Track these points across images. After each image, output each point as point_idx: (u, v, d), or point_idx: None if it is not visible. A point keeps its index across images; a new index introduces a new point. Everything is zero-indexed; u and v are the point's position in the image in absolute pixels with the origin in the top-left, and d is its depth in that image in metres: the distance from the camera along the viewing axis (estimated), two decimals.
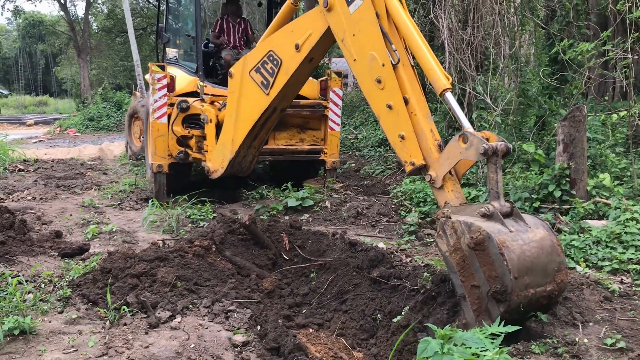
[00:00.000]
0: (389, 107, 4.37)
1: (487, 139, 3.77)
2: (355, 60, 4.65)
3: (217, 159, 7.10)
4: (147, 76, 8.45)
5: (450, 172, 4.06)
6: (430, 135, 4.21)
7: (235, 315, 4.08)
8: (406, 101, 4.33)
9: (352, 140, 14.92)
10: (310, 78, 9.60)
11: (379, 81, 4.45)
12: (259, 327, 3.95)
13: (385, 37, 4.41)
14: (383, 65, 4.41)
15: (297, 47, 5.33)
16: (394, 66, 4.38)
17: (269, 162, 10.95)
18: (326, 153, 9.00)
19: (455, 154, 3.89)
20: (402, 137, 4.28)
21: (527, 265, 3.44)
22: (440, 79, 4.10)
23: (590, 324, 4.11)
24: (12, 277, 4.57)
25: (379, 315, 4.29)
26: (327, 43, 5.22)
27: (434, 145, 4.16)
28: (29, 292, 4.40)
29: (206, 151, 7.62)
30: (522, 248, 3.46)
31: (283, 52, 5.60)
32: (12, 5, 45.00)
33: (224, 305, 4.18)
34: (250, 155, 6.89)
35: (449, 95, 4.13)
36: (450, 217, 3.71)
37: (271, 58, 5.74)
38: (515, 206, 3.76)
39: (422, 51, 4.22)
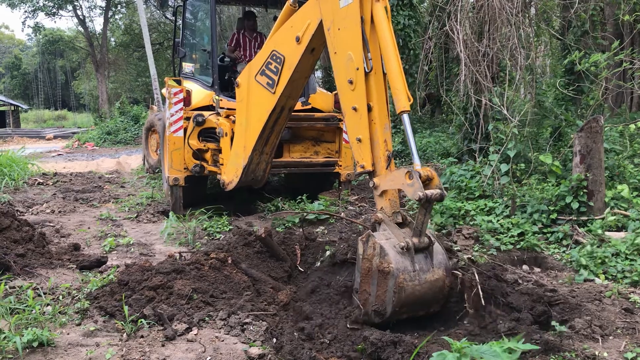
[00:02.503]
0: (354, 109, 4.63)
1: (430, 180, 4.15)
2: (335, 53, 4.83)
3: (231, 169, 7.15)
4: (164, 90, 8.55)
5: None
6: (383, 145, 4.53)
7: (251, 328, 4.08)
8: (370, 108, 4.58)
9: None
10: (324, 91, 9.66)
11: (350, 82, 4.65)
12: (274, 340, 3.95)
13: (364, 43, 4.56)
14: (357, 69, 4.60)
15: (298, 40, 5.39)
16: (367, 73, 4.56)
17: (284, 175, 10.97)
18: (341, 165, 9.00)
19: (398, 183, 4.23)
20: (359, 140, 4.61)
21: (411, 301, 4.09)
22: (402, 100, 4.35)
23: (610, 337, 4.05)
24: (31, 290, 4.62)
25: None
26: None
27: (384, 156, 4.51)
28: (48, 305, 4.44)
29: (221, 164, 7.67)
30: (415, 289, 4.07)
31: (285, 48, 5.67)
32: (32, 22, 45.74)
33: (240, 318, 4.19)
34: (263, 163, 6.91)
35: (405, 117, 4.40)
36: (377, 229, 4.35)
37: (274, 57, 5.82)
38: (434, 242, 4.24)
39: (393, 68, 4.40)
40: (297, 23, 5.46)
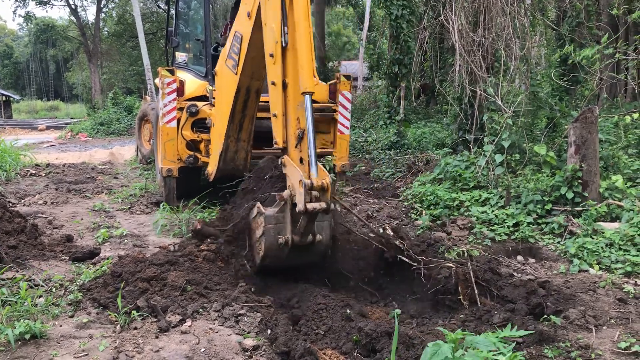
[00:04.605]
0: (273, 84, 4.71)
1: (325, 191, 4.24)
2: (265, 25, 4.88)
3: (213, 159, 7.14)
4: (157, 80, 8.47)
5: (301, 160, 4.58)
6: (294, 123, 4.62)
7: (246, 319, 4.06)
8: (285, 85, 4.63)
9: (361, 143, 14.90)
10: (320, 81, 9.60)
11: (271, 56, 4.70)
12: (269, 331, 3.94)
13: (282, 16, 4.57)
14: (277, 42, 4.63)
15: (249, 15, 5.43)
16: (284, 48, 4.58)
17: None
18: (335, 156, 8.97)
19: (293, 182, 4.40)
20: (275, 116, 4.71)
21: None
22: (307, 80, 4.40)
23: (604, 327, 4.06)
24: (23, 281, 4.59)
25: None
26: None
27: (294, 134, 4.58)
28: (40, 296, 4.41)
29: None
30: (279, 266, 4.83)
31: (241, 26, 5.73)
32: (23, 11, 45.35)
33: (234, 309, 4.17)
34: (242, 151, 6.84)
35: (307, 100, 4.43)
36: (273, 206, 4.67)
37: (236, 38, 5.87)
38: (319, 240, 4.56)
39: (303, 45, 4.43)
40: (248, 0, 5.51)
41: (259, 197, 5.08)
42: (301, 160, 4.53)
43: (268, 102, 8.83)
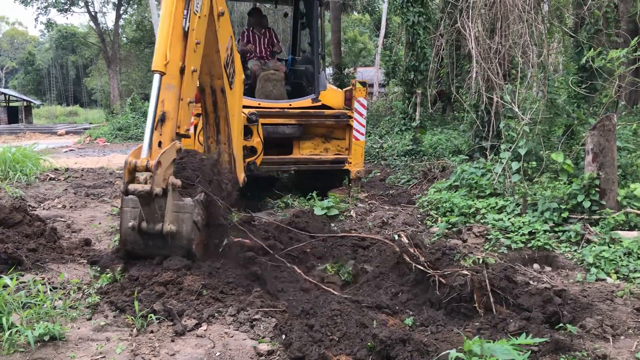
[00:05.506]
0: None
1: (148, 170, 4.21)
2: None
3: None
4: None
5: None
6: (160, 106, 4.53)
7: (261, 324, 4.07)
8: (182, 71, 4.67)
9: (377, 150, 14.90)
10: (335, 88, 9.64)
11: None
12: (284, 337, 3.95)
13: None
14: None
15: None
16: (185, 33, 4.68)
17: (293, 172, 10.98)
18: (350, 162, 8.99)
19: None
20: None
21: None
22: (155, 58, 4.39)
23: (622, 337, 4.02)
24: (42, 284, 4.65)
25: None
26: None
27: (159, 116, 4.53)
28: (59, 299, 4.47)
29: None
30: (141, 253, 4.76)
31: None
32: (45, 18, 46.13)
33: (249, 314, 4.19)
34: (225, 154, 6.75)
35: (155, 78, 4.37)
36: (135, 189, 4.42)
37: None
38: (171, 231, 4.50)
39: (160, 25, 4.49)
40: None
41: None
42: (160, 143, 4.48)
43: (282, 108, 8.94)
